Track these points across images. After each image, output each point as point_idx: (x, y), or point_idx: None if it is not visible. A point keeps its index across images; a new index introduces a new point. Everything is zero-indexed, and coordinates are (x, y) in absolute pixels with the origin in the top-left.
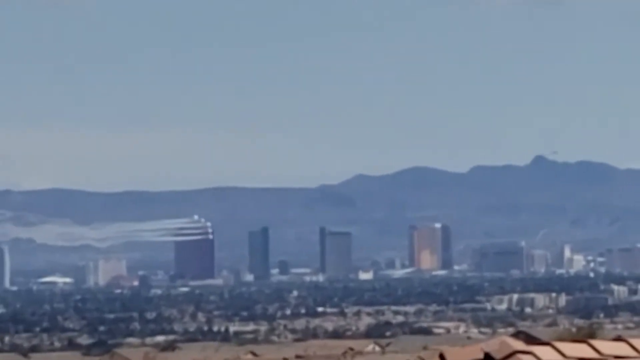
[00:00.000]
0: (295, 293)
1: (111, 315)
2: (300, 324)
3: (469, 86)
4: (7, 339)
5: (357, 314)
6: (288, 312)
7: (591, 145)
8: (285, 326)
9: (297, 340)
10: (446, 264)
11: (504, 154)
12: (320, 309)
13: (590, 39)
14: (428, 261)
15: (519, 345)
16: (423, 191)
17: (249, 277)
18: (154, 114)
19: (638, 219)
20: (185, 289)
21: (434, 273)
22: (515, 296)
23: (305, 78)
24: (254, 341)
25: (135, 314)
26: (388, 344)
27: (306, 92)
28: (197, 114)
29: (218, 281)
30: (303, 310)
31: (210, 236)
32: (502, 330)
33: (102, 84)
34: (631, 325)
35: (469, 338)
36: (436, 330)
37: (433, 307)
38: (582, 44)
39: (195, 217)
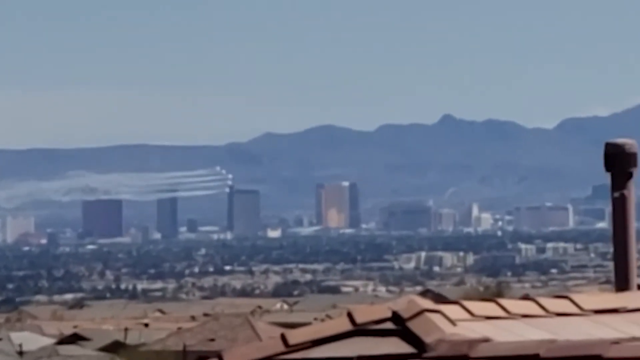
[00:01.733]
0: (203, 251)
1: (19, 273)
2: (208, 282)
3: (376, 44)
4: None
5: (265, 272)
6: (196, 270)
7: (498, 104)
8: (193, 284)
9: (205, 298)
10: (354, 222)
11: (411, 113)
12: (228, 267)
13: None
14: (336, 219)
15: (427, 304)
16: (331, 150)
17: (157, 235)
18: (62, 73)
19: (545, 177)
20: (93, 247)
21: (342, 231)
22: (423, 255)
23: (214, 36)
24: (162, 299)
25: (43, 272)
26: (296, 303)
27: (215, 50)
28: (106, 72)
29: (126, 239)
30: (211, 269)
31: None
32: (410, 289)
33: (7, 42)
34: (539, 284)
35: (376, 297)
36: (344, 289)
37: (341, 266)
38: (487, 2)
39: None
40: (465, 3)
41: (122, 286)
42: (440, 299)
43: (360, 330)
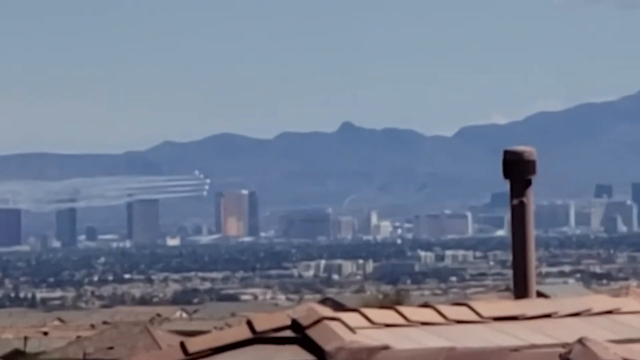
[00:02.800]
0: (102, 259)
1: None
2: (107, 290)
3: (275, 52)
4: None
5: (165, 280)
6: (95, 278)
7: (397, 112)
8: (92, 292)
9: (104, 306)
10: (253, 230)
11: (311, 121)
12: (127, 276)
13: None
14: (235, 228)
15: (326, 311)
16: (230, 158)
17: (56, 244)
18: None
19: (444, 185)
20: None
21: (241, 239)
22: (323, 263)
23: (111, 44)
24: (62, 307)
25: None
26: (195, 311)
27: (112, 59)
28: (2, 80)
29: (25, 248)
30: (110, 277)
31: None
32: (309, 296)
33: None
34: (438, 291)
35: (276, 305)
36: (243, 297)
37: (240, 274)
38: (384, 10)
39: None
40: (365, 11)
41: (22, 295)
42: (339, 306)
43: (259, 339)
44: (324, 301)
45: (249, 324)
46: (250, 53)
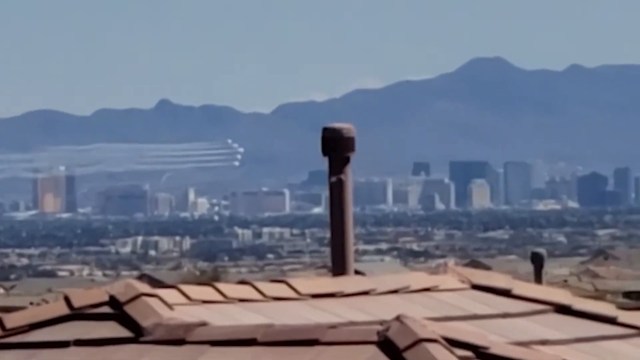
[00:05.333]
0: None
1: None
2: None
3: (94, 29)
4: None
5: None
6: None
7: (215, 89)
8: None
9: None
10: (70, 206)
11: (128, 98)
12: None
13: None
14: (52, 204)
15: (144, 288)
16: (49, 134)
17: None
18: None
19: (262, 162)
20: None
21: (58, 216)
22: (140, 239)
23: None
24: None
25: None
26: (12, 287)
27: None
28: None
29: None
30: None
31: None
32: (126, 273)
33: None
34: (255, 268)
35: (93, 281)
36: (60, 273)
37: (57, 250)
38: None
39: None
40: None
41: None
42: (156, 283)
43: (77, 315)
44: (141, 277)
45: (67, 300)
46: (68, 30)
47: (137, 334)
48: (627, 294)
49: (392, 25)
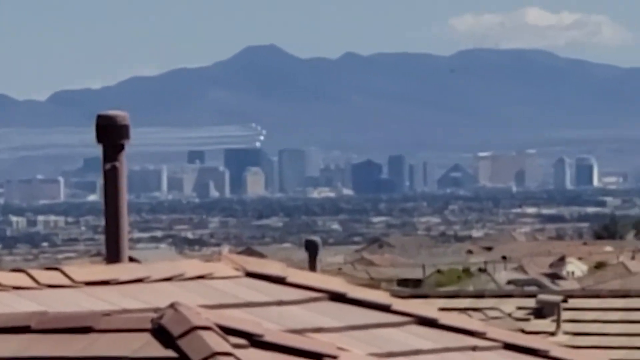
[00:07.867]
0: None
1: None
2: None
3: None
4: None
5: None
6: None
7: None
8: None
9: None
10: None
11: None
12: None
13: None
14: None
15: None
16: None
17: None
18: None
19: (37, 149)
20: None
21: None
22: None
23: None
24: None
25: None
26: None
27: None
28: None
29: None
30: None
31: None
32: None
33: None
34: (30, 257)
35: None
36: None
37: None
38: None
39: None
40: None
41: None
42: None
43: None
44: None
45: None
46: None
47: None
48: (402, 282)
49: (168, 14)
